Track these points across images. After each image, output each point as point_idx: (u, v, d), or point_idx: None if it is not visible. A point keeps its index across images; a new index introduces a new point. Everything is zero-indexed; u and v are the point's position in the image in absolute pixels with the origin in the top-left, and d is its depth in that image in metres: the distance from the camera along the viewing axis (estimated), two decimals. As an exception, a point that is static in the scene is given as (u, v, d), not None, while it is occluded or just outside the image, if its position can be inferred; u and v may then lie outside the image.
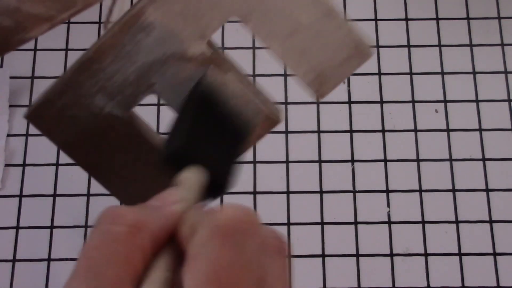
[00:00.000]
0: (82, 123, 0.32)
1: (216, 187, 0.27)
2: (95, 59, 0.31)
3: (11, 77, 0.91)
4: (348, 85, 0.92)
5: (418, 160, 0.87)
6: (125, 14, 0.31)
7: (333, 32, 0.32)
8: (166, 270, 0.20)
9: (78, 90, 0.32)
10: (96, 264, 0.18)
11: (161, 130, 0.87)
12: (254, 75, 0.90)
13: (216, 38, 1.03)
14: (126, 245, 0.19)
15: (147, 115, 0.36)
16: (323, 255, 0.83)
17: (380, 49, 0.94)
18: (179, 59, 0.32)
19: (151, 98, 0.33)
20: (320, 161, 0.87)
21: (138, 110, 0.33)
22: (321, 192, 0.86)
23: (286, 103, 0.90)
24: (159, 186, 0.26)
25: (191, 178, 0.25)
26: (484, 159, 0.87)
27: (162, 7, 0.30)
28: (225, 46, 0.92)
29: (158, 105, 0.89)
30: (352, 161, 0.87)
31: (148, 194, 0.27)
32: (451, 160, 0.87)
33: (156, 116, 0.89)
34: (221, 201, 0.85)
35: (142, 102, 0.32)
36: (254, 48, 0.91)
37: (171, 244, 0.21)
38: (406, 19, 0.95)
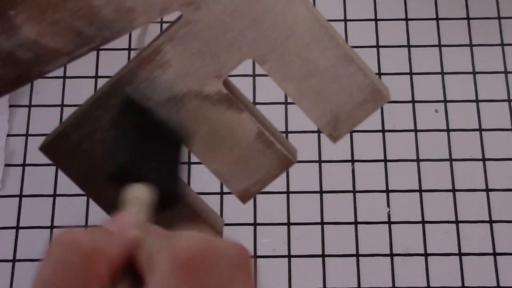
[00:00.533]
0: (95, 156, 0.32)
1: (166, 200, 0.27)
2: (111, 94, 0.31)
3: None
4: (348, 85, 0.91)
5: (418, 160, 0.87)
6: (143, 50, 0.31)
7: (349, 77, 0.32)
8: None
9: (93, 125, 0.32)
10: None
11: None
12: (254, 75, 0.90)
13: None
14: (83, 274, 0.18)
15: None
16: (323, 255, 0.83)
17: (380, 49, 0.94)
18: (194, 97, 0.32)
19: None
20: (320, 161, 0.87)
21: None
22: (321, 192, 0.86)
23: (286, 103, 0.90)
24: (175, 221, 0.26)
25: (139, 197, 0.24)
26: (484, 159, 0.87)
27: (180, 45, 0.30)
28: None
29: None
30: (352, 161, 0.87)
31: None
32: (451, 160, 0.87)
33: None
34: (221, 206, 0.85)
35: None
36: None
37: (128, 269, 0.21)
38: (406, 19, 0.95)
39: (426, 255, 0.83)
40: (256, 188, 0.36)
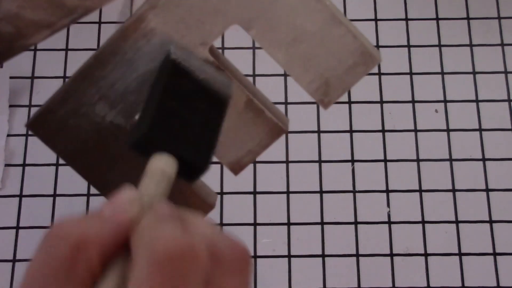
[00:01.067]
0: (84, 132, 0.32)
1: (190, 170, 0.25)
2: (96, 66, 0.31)
3: (11, 77, 0.91)
4: (348, 85, 0.91)
5: (418, 160, 0.87)
6: (126, 21, 0.30)
7: (337, 40, 0.31)
8: (118, 278, 0.19)
9: (79, 99, 0.31)
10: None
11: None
12: (254, 75, 0.90)
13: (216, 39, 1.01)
14: (70, 264, 0.18)
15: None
16: (323, 255, 0.82)
17: (380, 49, 0.93)
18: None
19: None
20: (320, 161, 0.87)
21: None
22: (321, 192, 0.86)
23: (286, 103, 0.90)
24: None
25: (157, 168, 0.23)
26: (484, 159, 0.87)
27: (163, 13, 0.30)
28: (225, 46, 0.92)
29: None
30: (352, 161, 0.87)
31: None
32: (451, 160, 0.87)
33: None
34: (221, 200, 0.85)
35: None
36: (254, 48, 0.91)
37: (124, 251, 0.20)
38: (406, 19, 0.95)
39: (426, 255, 0.83)
40: (247, 159, 0.35)
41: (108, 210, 0.20)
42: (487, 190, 0.86)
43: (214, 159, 0.28)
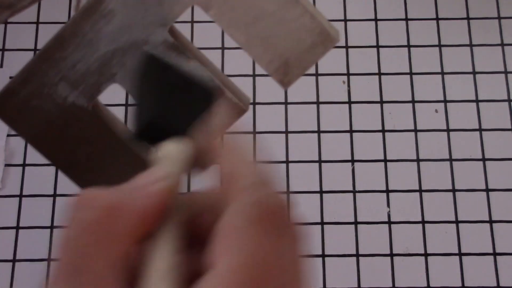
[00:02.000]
0: (46, 113, 0.32)
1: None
2: (57, 47, 0.31)
3: (11, 77, 0.91)
4: (348, 85, 0.92)
5: (418, 160, 0.87)
6: (86, 2, 0.31)
7: (295, 20, 0.31)
8: (173, 254, 0.18)
9: (41, 79, 0.31)
10: (74, 262, 0.17)
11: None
12: (254, 75, 0.90)
13: (216, 38, 1.02)
14: (105, 232, 0.17)
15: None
16: (323, 255, 0.83)
17: (380, 49, 0.94)
18: (140, 46, 0.31)
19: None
20: (320, 161, 0.87)
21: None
22: (321, 192, 0.86)
23: (286, 103, 0.90)
24: (127, 177, 0.25)
25: (173, 151, 0.23)
26: (484, 159, 0.87)
27: None
28: (225, 46, 0.92)
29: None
30: (352, 161, 0.87)
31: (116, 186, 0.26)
32: (451, 160, 0.87)
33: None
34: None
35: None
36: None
37: (171, 223, 0.19)
38: (406, 19, 0.95)
39: (426, 255, 0.83)
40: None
41: (140, 182, 0.19)
42: (487, 190, 0.86)
43: None
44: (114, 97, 0.89)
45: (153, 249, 0.18)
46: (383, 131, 0.89)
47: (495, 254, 0.83)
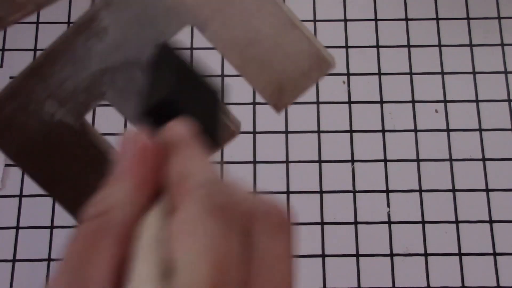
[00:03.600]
0: (32, 131, 0.31)
1: (208, 139, 0.25)
2: (46, 63, 0.30)
3: (11, 77, 0.91)
4: (348, 85, 0.92)
5: (418, 160, 0.87)
6: (78, 18, 0.30)
7: (293, 44, 0.31)
8: (158, 229, 0.18)
9: (28, 96, 0.30)
10: (72, 264, 0.17)
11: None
12: (254, 75, 0.90)
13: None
14: (98, 235, 0.18)
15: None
16: (323, 255, 0.83)
17: (380, 49, 0.94)
18: (132, 66, 0.30)
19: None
20: (320, 161, 0.87)
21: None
22: (321, 192, 0.86)
23: (286, 103, 0.90)
24: None
25: (180, 129, 0.23)
26: (484, 159, 0.87)
27: (116, 11, 0.29)
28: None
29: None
30: (352, 161, 0.87)
31: None
32: (451, 160, 0.87)
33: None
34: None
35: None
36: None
37: (159, 194, 0.19)
38: (406, 19, 0.95)
39: (426, 255, 0.83)
40: None
41: (118, 166, 0.20)
42: (487, 190, 0.86)
43: None
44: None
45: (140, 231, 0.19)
46: (383, 131, 0.89)
47: (495, 254, 0.83)
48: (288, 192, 0.86)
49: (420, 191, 0.86)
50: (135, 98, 0.30)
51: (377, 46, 0.94)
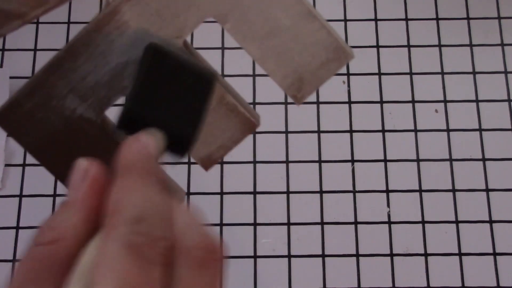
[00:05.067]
0: (52, 126, 0.31)
1: (177, 146, 0.26)
2: (67, 58, 0.30)
3: (11, 77, 0.91)
4: (348, 85, 0.92)
5: (418, 160, 0.87)
6: (100, 12, 0.30)
7: (312, 35, 0.31)
8: (93, 257, 0.20)
9: (49, 91, 0.31)
10: (18, 285, 0.19)
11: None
12: (254, 75, 0.90)
13: (216, 38, 1.02)
14: (48, 261, 0.20)
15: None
16: (323, 255, 0.83)
17: (380, 49, 0.94)
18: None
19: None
20: (320, 161, 0.87)
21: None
22: (321, 192, 0.86)
23: (286, 103, 0.90)
24: None
25: (130, 151, 0.24)
26: (484, 159, 0.87)
27: (137, 5, 0.30)
28: (225, 46, 0.92)
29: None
30: (352, 161, 0.87)
31: None
32: (451, 160, 0.87)
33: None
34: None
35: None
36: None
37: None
38: (406, 19, 0.95)
39: (426, 255, 0.83)
40: (219, 154, 0.34)
41: (68, 194, 0.21)
42: (487, 190, 0.86)
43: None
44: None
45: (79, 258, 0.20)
46: (383, 131, 0.89)
47: (495, 254, 0.83)
48: (288, 192, 0.86)
49: (420, 191, 0.86)
50: None
51: (377, 46, 0.94)
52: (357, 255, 0.83)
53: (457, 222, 0.84)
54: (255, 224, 0.84)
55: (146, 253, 0.18)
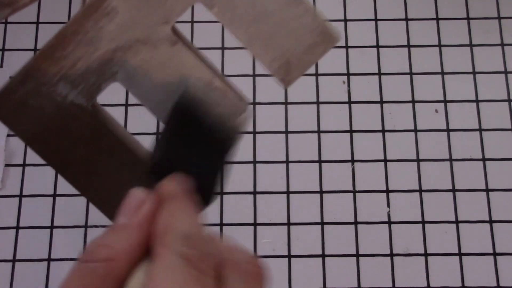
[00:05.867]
0: (44, 113, 0.32)
1: (201, 195, 0.27)
2: (57, 45, 0.31)
3: (11, 77, 0.91)
4: (348, 85, 0.92)
5: (418, 160, 0.87)
6: (88, 0, 0.31)
7: (298, 18, 0.31)
8: (144, 275, 0.20)
9: (40, 78, 0.31)
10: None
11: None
12: (254, 75, 0.90)
13: (216, 38, 1.02)
14: (101, 279, 0.20)
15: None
16: (323, 255, 0.83)
17: (380, 49, 0.94)
18: (142, 45, 0.31)
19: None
20: (320, 161, 0.87)
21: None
22: (321, 192, 0.86)
23: (286, 103, 0.90)
24: (124, 179, 0.25)
25: (170, 185, 0.25)
26: (484, 159, 0.87)
27: None
28: (225, 46, 0.92)
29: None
30: (352, 161, 0.87)
31: (113, 188, 0.28)
32: (451, 160, 0.87)
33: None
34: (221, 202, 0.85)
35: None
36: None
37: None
38: (406, 19, 0.95)
39: (426, 255, 0.83)
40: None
41: (125, 218, 0.22)
42: (487, 190, 0.86)
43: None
44: (114, 97, 0.89)
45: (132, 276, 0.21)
46: (383, 131, 0.89)
47: (495, 254, 0.83)
48: (288, 192, 0.86)
49: (420, 191, 0.86)
50: (145, 78, 0.31)
51: (377, 46, 0.94)
52: (357, 255, 0.83)
53: (457, 222, 0.84)
54: (255, 224, 0.84)
55: (199, 265, 0.19)
